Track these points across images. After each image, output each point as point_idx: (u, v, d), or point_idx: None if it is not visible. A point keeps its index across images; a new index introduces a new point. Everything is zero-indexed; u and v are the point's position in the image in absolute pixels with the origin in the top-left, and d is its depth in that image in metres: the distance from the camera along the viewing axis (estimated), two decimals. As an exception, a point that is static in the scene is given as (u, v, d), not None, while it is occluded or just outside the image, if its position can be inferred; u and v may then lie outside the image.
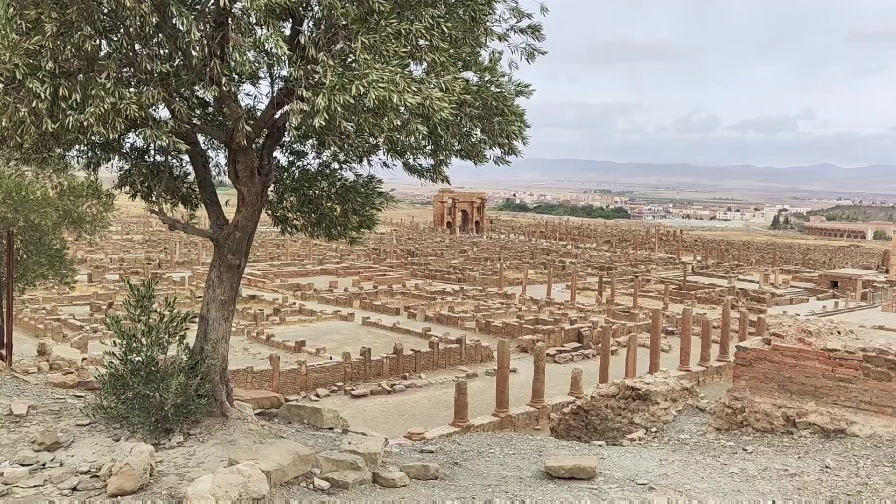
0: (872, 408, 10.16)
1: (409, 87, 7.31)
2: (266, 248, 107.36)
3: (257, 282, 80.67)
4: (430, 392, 44.14)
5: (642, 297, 76.26)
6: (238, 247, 9.82)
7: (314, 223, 10.70)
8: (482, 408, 39.81)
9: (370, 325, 59.95)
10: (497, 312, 65.64)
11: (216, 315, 9.96)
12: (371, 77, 7.22)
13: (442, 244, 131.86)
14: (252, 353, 48.86)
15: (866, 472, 8.00)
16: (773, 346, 10.88)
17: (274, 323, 59.16)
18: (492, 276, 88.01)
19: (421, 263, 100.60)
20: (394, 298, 73.46)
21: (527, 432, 31.54)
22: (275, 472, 7.02)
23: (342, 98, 7.25)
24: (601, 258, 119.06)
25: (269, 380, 41.81)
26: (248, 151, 9.26)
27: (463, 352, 50.56)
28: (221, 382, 9.70)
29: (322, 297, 71.59)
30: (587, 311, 67.65)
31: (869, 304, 78.81)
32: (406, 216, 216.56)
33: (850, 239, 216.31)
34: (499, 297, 75.64)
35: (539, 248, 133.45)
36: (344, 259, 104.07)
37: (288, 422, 10.01)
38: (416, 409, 41.27)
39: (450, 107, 7.54)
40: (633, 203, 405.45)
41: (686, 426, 11.24)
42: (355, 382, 44.50)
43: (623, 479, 7.59)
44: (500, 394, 38.51)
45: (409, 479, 7.69)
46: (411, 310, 65.44)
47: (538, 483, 7.47)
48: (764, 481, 7.76)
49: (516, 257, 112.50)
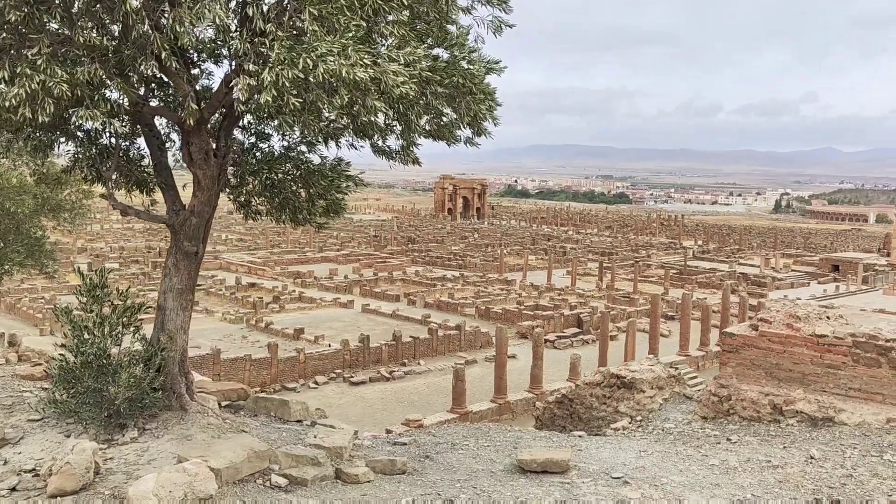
0: (861, 395, 9.82)
1: (362, 61, 6.92)
2: (266, 235, 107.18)
3: (257, 269, 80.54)
4: (429, 379, 44.03)
5: (643, 283, 76.05)
6: (195, 233, 9.41)
7: (278, 208, 10.27)
8: (481, 394, 39.71)
9: (370, 312, 59.81)
10: (497, 299, 65.48)
11: (174, 305, 9.51)
12: (320, 50, 6.84)
13: (443, 231, 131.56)
14: (251, 341, 48.75)
15: (853, 463, 7.69)
16: (760, 331, 10.58)
17: (273, 311, 59.01)
18: (492, 262, 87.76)
19: (421, 250, 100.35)
20: (394, 285, 73.30)
21: (509, 423, 31.39)
22: (226, 469, 6.71)
23: (290, 73, 6.87)
24: (602, 244, 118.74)
25: (267, 367, 41.74)
26: (201, 132, 8.85)
27: (462, 338, 50.43)
28: (181, 375, 9.35)
29: (322, 284, 71.43)
30: (587, 297, 67.46)
31: (870, 288, 78.54)
32: (407, 203, 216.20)
33: (852, 223, 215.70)
34: (499, 283, 75.46)
35: (540, 234, 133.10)
36: (345, 246, 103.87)
37: (254, 415, 9.66)
38: (415, 396, 41.16)
39: (410, 82, 7.16)
40: (635, 188, 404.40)
41: (672, 414, 10.95)
42: (354, 369, 44.39)
43: (598, 472, 7.31)
44: (498, 380, 38.40)
45: (375, 473, 7.42)
46: (411, 297, 65.28)
47: (509, 477, 7.20)
48: (745, 473, 7.49)
49: (517, 243, 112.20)
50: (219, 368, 39.80)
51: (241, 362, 40.85)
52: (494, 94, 8.70)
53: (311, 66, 6.85)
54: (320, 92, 7.07)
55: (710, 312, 50.40)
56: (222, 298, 64.17)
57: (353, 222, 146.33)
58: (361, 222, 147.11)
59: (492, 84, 8.62)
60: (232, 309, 58.82)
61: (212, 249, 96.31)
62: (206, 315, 57.34)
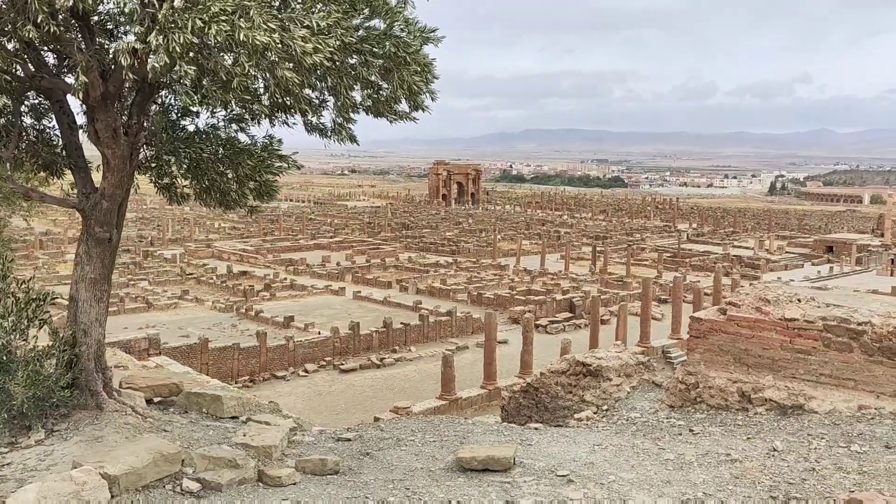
0: (833, 381, 9.48)
1: (265, 25, 6.33)
2: (260, 223, 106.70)
3: (249, 258, 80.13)
4: (419, 365, 43.79)
5: (636, 266, 75.81)
6: (107, 218, 8.80)
7: (204, 190, 9.57)
8: (472, 380, 39.50)
9: (361, 299, 59.49)
10: (490, 284, 65.17)
11: (87, 296, 8.95)
12: (213, 9, 6.24)
13: (437, 217, 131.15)
14: (240, 330, 48.41)
15: (817, 455, 7.24)
16: (729, 316, 10.16)
17: (264, 299, 58.65)
18: (486, 247, 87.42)
19: (415, 236, 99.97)
20: (387, 272, 72.97)
21: (459, 415, 31.01)
22: (125, 475, 6.20)
23: (181, 36, 6.27)
24: (596, 228, 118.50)
25: (256, 356, 41.42)
26: (107, 108, 8.20)
27: (454, 324, 50.17)
28: (97, 371, 8.78)
29: (314, 272, 71.06)
30: (580, 281, 67.19)
31: (864, 269, 78.38)
32: (402, 189, 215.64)
33: (847, 204, 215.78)
34: (493, 268, 75.15)
35: (535, 219, 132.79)
36: (338, 233, 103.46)
37: (185, 411, 9.16)
38: (405, 383, 40.93)
39: (326, 51, 6.60)
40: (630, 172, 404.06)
41: (639, 403, 10.55)
42: (344, 357, 44.12)
43: (543, 469, 6.91)
44: (487, 366, 38.18)
45: (305, 474, 6.96)
46: (403, 283, 64.95)
47: (447, 476, 6.79)
48: (700, 469, 7.13)
49: (511, 228, 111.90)
50: (206, 358, 39.49)
51: (230, 351, 40.52)
52: (432, 66, 8.14)
53: (202, 27, 6.26)
54: (221, 59, 6.52)
55: (703, 295, 50.13)
56: (213, 287, 63.80)
57: (348, 209, 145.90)
58: (356, 209, 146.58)
59: (429, 55, 8.07)
60: (222, 297, 58.43)
61: (204, 238, 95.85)
62: (196, 304, 56.99)
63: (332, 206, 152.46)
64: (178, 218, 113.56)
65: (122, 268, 70.98)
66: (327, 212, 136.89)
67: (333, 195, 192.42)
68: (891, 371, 8.90)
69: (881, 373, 9.10)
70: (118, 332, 45.04)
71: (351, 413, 36.33)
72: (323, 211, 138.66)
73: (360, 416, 34.59)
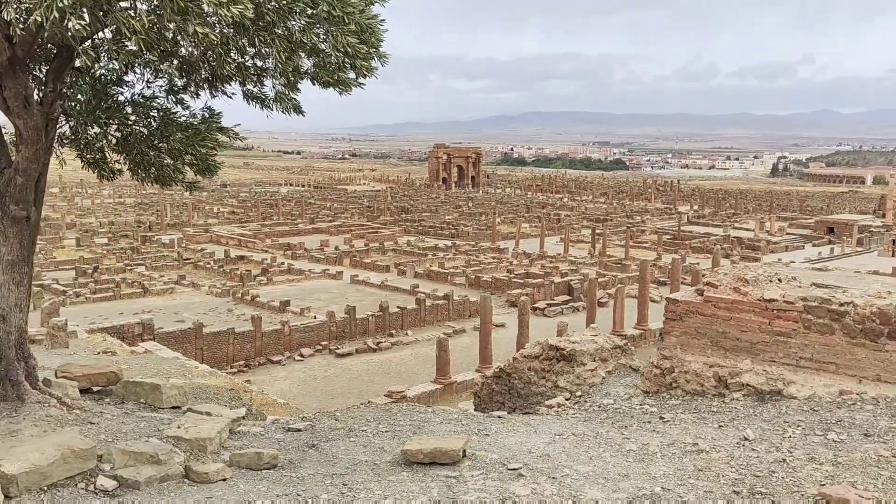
0: (813, 365, 9.00)
1: None
2: (259, 207, 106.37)
3: (248, 242, 79.86)
4: (416, 349, 43.56)
5: (636, 249, 75.45)
6: (22, 195, 8.17)
7: (137, 165, 8.90)
8: (469, 363, 39.29)
9: (358, 283, 59.20)
10: (488, 267, 64.86)
11: (4, 279, 8.33)
12: None
13: (437, 200, 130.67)
14: (236, 315, 48.15)
15: (791, 445, 6.95)
16: (706, 297, 9.72)
17: (261, 283, 58.38)
18: (485, 230, 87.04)
19: (415, 220, 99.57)
20: (385, 256, 72.65)
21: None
22: (25, 474, 5.71)
23: None
24: (597, 210, 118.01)
25: (251, 341, 41.20)
26: (16, 74, 7.55)
27: (451, 308, 49.89)
28: (19, 360, 8.24)
29: (312, 256, 70.78)
30: (579, 264, 66.85)
31: (865, 250, 77.98)
32: (402, 173, 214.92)
33: (850, 185, 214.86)
34: (492, 251, 74.80)
35: (535, 201, 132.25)
36: (337, 217, 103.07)
37: (122, 401, 8.63)
38: (401, 367, 40.73)
39: (246, 3, 5.97)
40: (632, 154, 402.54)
41: (614, 389, 10.11)
42: (340, 341, 43.89)
43: (495, 462, 6.47)
44: (483, 349, 37.91)
45: (240, 469, 6.51)
46: (401, 267, 64.65)
47: (392, 471, 6.38)
48: (663, 460, 6.71)
49: (511, 211, 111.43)
50: (201, 343, 39.27)
51: (225, 336, 40.28)
52: (376, 27, 7.57)
53: None
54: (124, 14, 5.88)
55: (701, 277, 49.78)
56: (210, 272, 63.52)
57: (348, 193, 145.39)
58: (356, 193, 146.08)
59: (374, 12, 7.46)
60: (219, 282, 58.18)
61: (202, 223, 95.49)
62: (192, 289, 56.74)
63: (332, 191, 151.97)
64: (177, 203, 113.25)
65: (119, 253, 70.78)
66: (327, 196, 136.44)
67: (334, 179, 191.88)
68: (874, 354, 8.50)
69: (864, 356, 8.71)
70: (114, 317, 44.99)
71: (346, 397, 36.16)
72: (323, 195, 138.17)
73: (355, 400, 34.40)
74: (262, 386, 36.74)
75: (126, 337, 36.98)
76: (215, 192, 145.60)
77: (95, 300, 51.57)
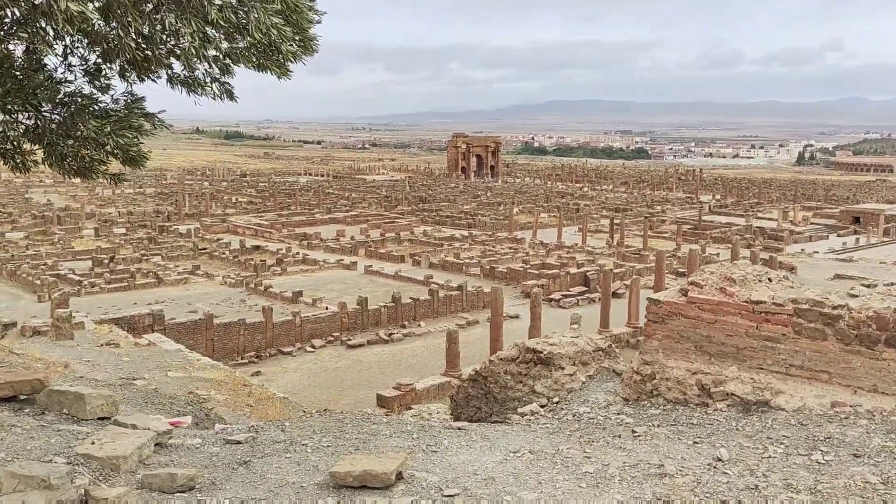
0: (804, 373, 8.35)
1: None
2: (276, 198, 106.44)
3: (264, 232, 79.81)
4: (428, 340, 43.10)
5: (655, 239, 74.43)
6: None
7: (52, 155, 8.19)
8: (481, 355, 38.64)
9: (372, 273, 58.85)
10: (504, 258, 64.23)
11: None
12: None
13: (455, 190, 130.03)
14: (249, 305, 47.99)
15: (768, 467, 6.20)
16: (689, 298, 9.07)
17: (275, 273, 58.22)
18: (503, 220, 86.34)
19: (432, 210, 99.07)
20: (401, 246, 72.24)
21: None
22: None
23: None
24: (617, 200, 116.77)
25: (262, 332, 40.98)
26: None
27: (464, 299, 49.39)
28: None
29: (328, 246, 70.55)
30: (596, 255, 66.03)
31: (892, 240, 76.38)
32: (422, 163, 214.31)
33: (877, 173, 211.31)
34: (508, 241, 74.12)
35: (555, 191, 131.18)
36: (354, 207, 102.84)
37: (42, 412, 8.00)
38: (413, 359, 40.31)
39: None
40: (655, 143, 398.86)
41: (594, 395, 9.47)
42: (352, 332, 43.55)
43: (432, 486, 5.88)
44: (494, 341, 37.37)
45: (151, 492, 5.93)
46: (416, 257, 64.21)
47: (318, 495, 5.79)
48: (620, 485, 6.06)
49: (530, 201, 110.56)
50: (211, 334, 39.10)
51: (235, 327, 40.08)
52: (304, 7, 6.91)
53: None
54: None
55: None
56: (225, 262, 63.49)
57: (366, 183, 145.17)
58: (374, 183, 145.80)
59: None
60: (233, 272, 58.09)
61: (220, 213, 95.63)
62: (206, 279, 56.69)
63: (351, 181, 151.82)
64: (195, 193, 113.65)
65: (136, 243, 70.97)
66: (345, 186, 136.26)
67: (353, 169, 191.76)
68: (870, 362, 7.83)
69: (859, 364, 8.02)
70: (127, 307, 45.00)
71: (357, 389, 35.84)
72: (341, 185, 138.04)
73: (366, 392, 34.05)
74: (273, 377, 36.51)
75: (136, 328, 36.86)
76: (235, 181, 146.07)
77: (110, 290, 51.67)
